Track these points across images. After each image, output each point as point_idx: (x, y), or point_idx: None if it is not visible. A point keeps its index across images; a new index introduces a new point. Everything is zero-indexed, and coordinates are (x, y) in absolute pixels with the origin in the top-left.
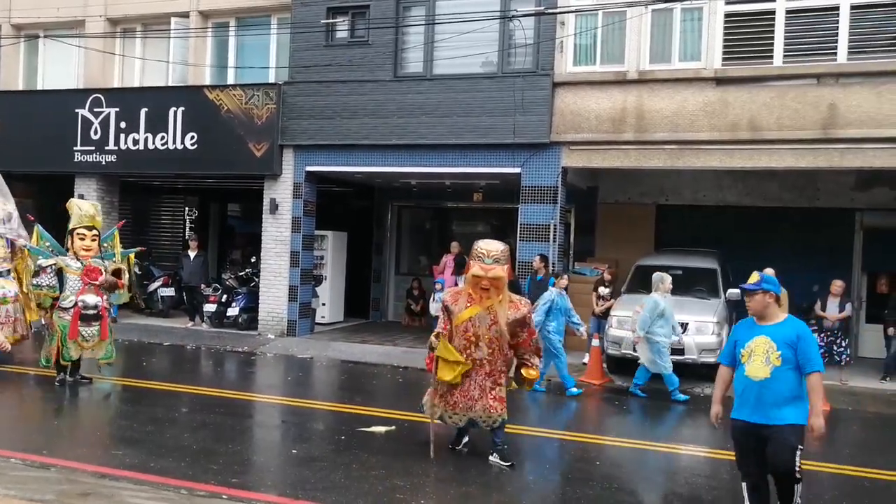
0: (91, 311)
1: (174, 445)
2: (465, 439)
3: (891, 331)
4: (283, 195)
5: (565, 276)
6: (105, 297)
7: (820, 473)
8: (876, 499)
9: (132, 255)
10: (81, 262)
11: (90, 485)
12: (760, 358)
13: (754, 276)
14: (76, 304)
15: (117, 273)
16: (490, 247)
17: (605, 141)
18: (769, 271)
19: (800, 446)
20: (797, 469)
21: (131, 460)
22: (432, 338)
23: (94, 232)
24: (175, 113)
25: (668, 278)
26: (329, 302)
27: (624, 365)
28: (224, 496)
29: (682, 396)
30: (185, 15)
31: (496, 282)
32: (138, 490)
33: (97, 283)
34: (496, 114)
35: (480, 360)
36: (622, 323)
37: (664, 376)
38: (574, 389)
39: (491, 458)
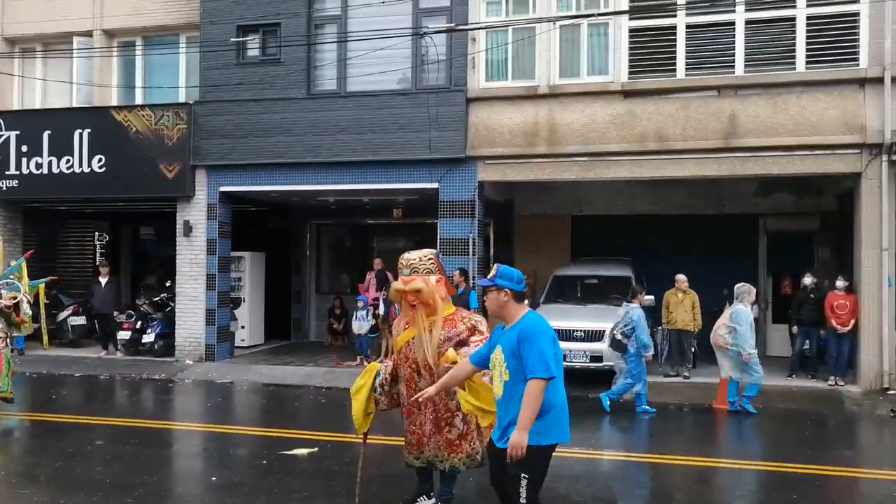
0: None
1: (86, 480)
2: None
3: (795, 330)
4: (196, 217)
5: (644, 292)
6: (1, 326)
7: (733, 470)
8: (785, 491)
9: (42, 286)
10: None
11: None
12: (497, 371)
13: (493, 270)
14: None
15: (16, 306)
16: (408, 256)
17: (519, 155)
18: (681, 277)
19: (524, 474)
20: (522, 502)
21: (39, 498)
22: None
23: None
24: (80, 135)
25: (753, 289)
26: (249, 324)
27: None
28: None
29: (752, 409)
30: (89, 34)
31: (419, 295)
32: None
33: None
34: (412, 130)
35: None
36: None
37: (751, 384)
38: (648, 407)
39: None
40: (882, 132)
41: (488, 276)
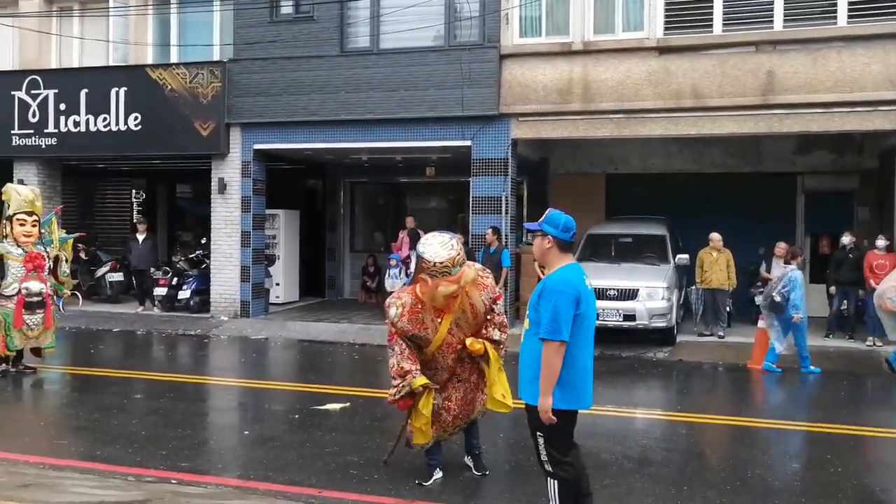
0: (35, 299)
1: (122, 432)
2: (438, 475)
3: (833, 289)
4: (231, 174)
5: (799, 252)
6: (49, 283)
7: (766, 429)
8: (820, 451)
9: (71, 241)
10: (23, 249)
11: (32, 475)
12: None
13: (545, 214)
14: (19, 291)
15: (55, 262)
16: (449, 254)
17: (553, 112)
18: (715, 236)
19: (539, 433)
20: (543, 459)
21: (76, 449)
22: (413, 382)
23: (35, 217)
24: (117, 93)
25: None
26: (283, 281)
27: None
28: (173, 481)
29: None
30: None
31: (471, 283)
32: (83, 479)
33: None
34: (444, 87)
35: (470, 356)
36: None
37: None
38: (812, 368)
39: (466, 459)
40: None
41: (539, 220)
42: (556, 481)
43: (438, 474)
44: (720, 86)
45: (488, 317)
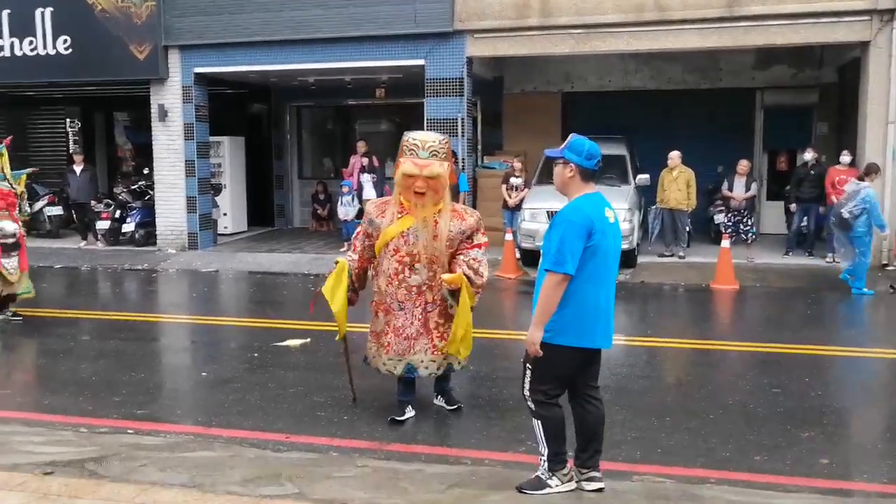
0: (10, 240)
1: (70, 379)
2: (411, 413)
3: (793, 207)
4: (171, 100)
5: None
6: (20, 223)
7: (730, 352)
8: (796, 374)
9: (24, 177)
10: None
11: None
12: None
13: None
14: None
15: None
16: (425, 137)
17: (510, 28)
18: (673, 154)
19: (528, 365)
20: (525, 395)
21: (21, 399)
22: (339, 259)
23: None
24: (42, 14)
25: None
26: (231, 211)
27: (538, 258)
28: (129, 430)
29: None
30: None
31: (434, 182)
32: (30, 433)
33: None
34: (396, 2)
35: (419, 286)
36: (535, 215)
37: None
38: (866, 290)
39: (435, 400)
40: None
41: (560, 147)
42: (540, 422)
43: (411, 412)
44: None
45: (461, 257)
